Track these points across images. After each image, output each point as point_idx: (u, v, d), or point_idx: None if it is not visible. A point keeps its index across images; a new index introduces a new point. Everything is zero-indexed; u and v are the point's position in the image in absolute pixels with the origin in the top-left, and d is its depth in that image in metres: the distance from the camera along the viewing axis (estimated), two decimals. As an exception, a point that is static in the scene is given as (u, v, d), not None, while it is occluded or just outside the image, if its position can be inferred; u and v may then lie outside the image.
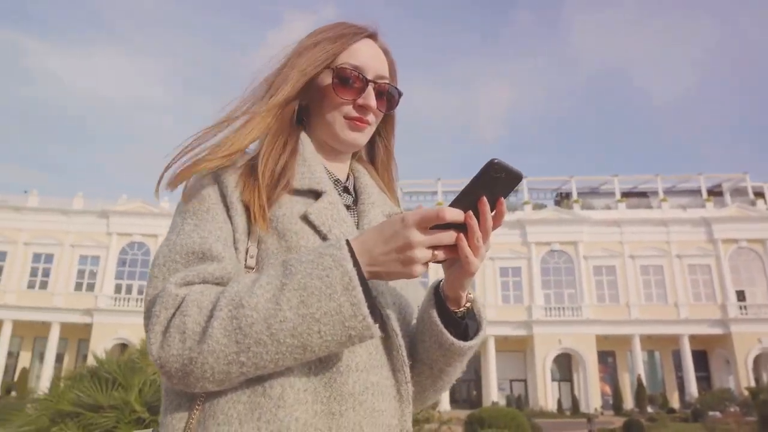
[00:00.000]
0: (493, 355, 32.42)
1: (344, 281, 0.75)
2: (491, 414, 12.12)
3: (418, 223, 0.76)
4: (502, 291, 34.57)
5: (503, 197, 0.79)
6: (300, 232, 0.88)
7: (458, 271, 0.83)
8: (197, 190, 0.90)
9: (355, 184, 1.07)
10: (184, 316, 0.76)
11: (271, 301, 0.74)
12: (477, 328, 0.92)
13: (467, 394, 35.53)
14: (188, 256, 0.83)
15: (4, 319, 33.18)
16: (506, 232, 35.16)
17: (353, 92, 0.98)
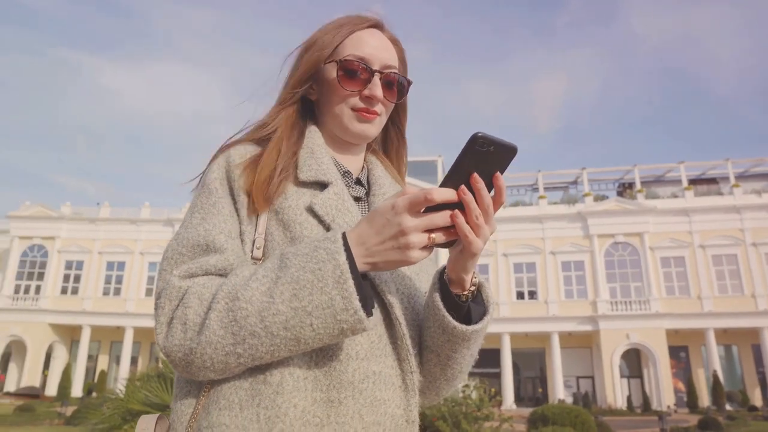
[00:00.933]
0: (558, 351, 31.63)
1: (335, 274, 0.75)
2: (555, 411, 11.79)
3: (408, 208, 0.74)
4: (565, 286, 33.66)
5: (500, 172, 0.76)
6: (304, 222, 0.89)
7: (460, 252, 0.81)
8: (206, 185, 0.93)
9: (369, 176, 1.07)
10: (186, 307, 0.79)
11: (266, 294, 0.76)
12: (484, 313, 0.89)
13: (532, 391, 34.84)
14: (194, 249, 0.86)
15: (83, 324, 35.18)
16: (566, 225, 34.24)
17: (359, 83, 0.98)
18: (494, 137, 0.73)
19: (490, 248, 34.54)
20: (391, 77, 1.01)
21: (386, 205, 0.77)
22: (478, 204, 0.75)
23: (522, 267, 34.46)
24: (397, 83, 1.02)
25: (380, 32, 1.04)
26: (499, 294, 33.75)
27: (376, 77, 0.99)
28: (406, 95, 1.06)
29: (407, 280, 0.95)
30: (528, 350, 34.66)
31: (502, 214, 34.98)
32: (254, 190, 0.90)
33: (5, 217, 38.26)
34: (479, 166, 0.75)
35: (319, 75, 1.02)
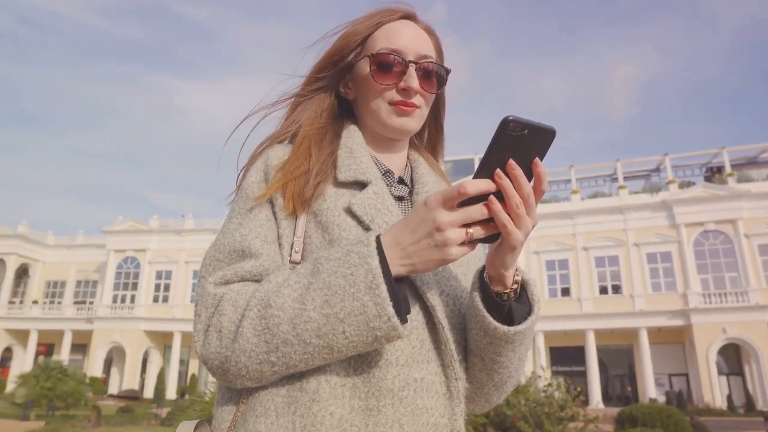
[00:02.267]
0: (647, 348, 30.04)
1: (368, 279, 0.72)
2: (644, 411, 11.15)
3: (442, 203, 0.71)
4: (652, 279, 31.94)
5: (539, 158, 0.71)
6: (343, 224, 0.87)
7: (499, 245, 0.76)
8: (244, 189, 0.93)
9: (412, 174, 1.04)
10: (221, 315, 0.79)
11: (298, 301, 0.74)
12: (529, 312, 0.84)
13: (621, 390, 33.32)
14: (231, 254, 0.85)
15: (174, 331, 37.18)
16: (650, 215, 32.53)
17: (393, 76, 0.95)
18: (527, 120, 0.68)
19: (569, 242, 33.43)
20: (428, 67, 0.97)
21: (419, 202, 0.75)
22: (517, 192, 0.71)
23: (604, 260, 33.06)
24: (435, 73, 0.98)
25: (413, 22, 1.00)
26: (581, 289, 32.55)
27: (412, 68, 0.95)
28: (444, 84, 1.02)
29: (453, 281, 0.91)
30: (615, 347, 33.19)
31: (580, 207, 33.80)
32: (289, 192, 0.89)
33: (102, 232, 41.12)
34: (515, 153, 0.70)
35: (353, 73, 1.01)
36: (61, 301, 42.13)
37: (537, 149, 0.71)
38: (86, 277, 42.72)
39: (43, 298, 42.68)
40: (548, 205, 35.16)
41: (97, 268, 42.07)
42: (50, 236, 44.34)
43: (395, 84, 0.95)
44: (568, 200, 35.33)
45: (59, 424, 15.79)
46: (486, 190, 0.71)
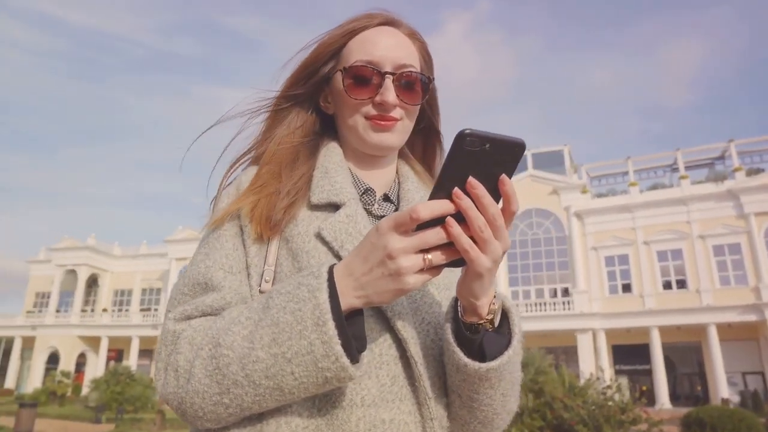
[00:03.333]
0: (717, 345, 28.54)
1: (315, 315, 0.67)
2: (713, 414, 10.51)
3: (394, 228, 0.65)
4: (719, 272, 30.34)
5: (506, 175, 0.64)
6: (312, 251, 0.81)
7: (466, 272, 0.69)
8: (215, 214, 0.89)
9: (399, 190, 0.97)
10: (178, 354, 0.75)
11: (247, 339, 0.70)
12: (507, 344, 0.75)
13: (690, 389, 31.86)
14: (194, 288, 0.82)
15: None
16: (715, 205, 30.93)
17: (369, 90, 0.89)
18: (488, 133, 0.61)
19: (629, 237, 32.25)
20: (408, 77, 0.90)
21: (372, 228, 0.69)
22: (482, 213, 0.64)
23: (667, 255, 31.68)
24: (419, 82, 0.92)
25: (393, 28, 0.94)
26: (643, 285, 31.30)
27: (388, 80, 0.89)
28: (428, 94, 0.95)
29: (435, 307, 0.84)
30: (682, 344, 31.75)
31: (639, 199, 32.55)
32: (256, 215, 0.84)
33: (163, 242, 42.76)
34: (476, 170, 0.63)
35: (331, 86, 0.95)
36: (128, 308, 44.08)
37: (504, 165, 0.64)
38: (150, 285, 44.53)
39: (112, 306, 44.80)
40: (605, 199, 34.05)
41: (161, 276, 43.77)
42: (116, 247, 46.51)
43: (371, 98, 0.89)
44: (627, 193, 34.06)
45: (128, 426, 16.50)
46: (442, 213, 0.64)
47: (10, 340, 44.70)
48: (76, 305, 43.02)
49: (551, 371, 11.05)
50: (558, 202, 34.13)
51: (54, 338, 41.58)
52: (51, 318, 42.33)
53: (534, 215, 34.32)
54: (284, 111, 0.98)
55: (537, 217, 34.27)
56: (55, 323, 42.01)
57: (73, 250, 43.49)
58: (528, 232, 34.27)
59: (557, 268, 33.32)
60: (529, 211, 34.48)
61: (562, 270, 33.05)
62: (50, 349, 41.53)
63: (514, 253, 34.09)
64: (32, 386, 35.53)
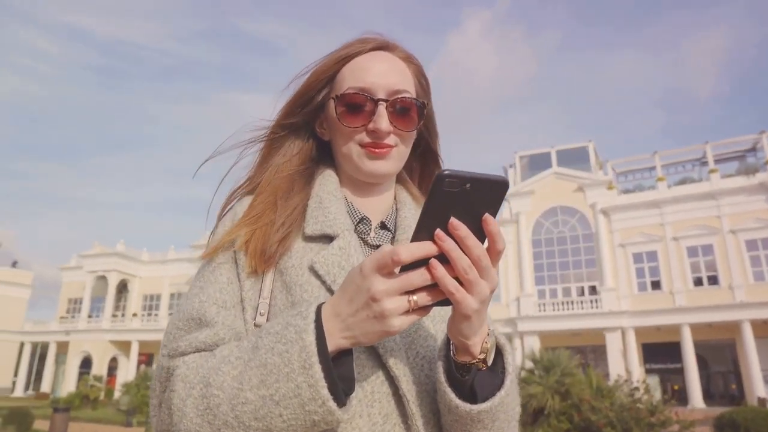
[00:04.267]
0: (752, 342, 27.78)
1: (302, 358, 0.66)
2: (747, 416, 10.17)
3: (376, 270, 0.64)
4: (753, 267, 29.52)
5: (490, 214, 0.64)
6: (305, 284, 0.81)
7: (453, 313, 0.68)
8: (210, 246, 0.88)
9: (396, 217, 0.96)
10: (172, 391, 0.75)
11: (236, 380, 0.69)
12: (500, 385, 0.74)
13: (724, 388, 31.10)
14: (189, 323, 0.81)
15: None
16: (747, 199, 30.15)
17: (362, 117, 0.88)
18: (468, 173, 0.60)
19: (657, 233, 31.63)
20: (402, 103, 0.89)
21: (355, 267, 0.67)
22: (466, 254, 0.63)
23: (697, 250, 30.97)
24: (414, 107, 0.90)
25: (387, 53, 0.93)
26: (673, 282, 30.65)
27: (381, 107, 0.88)
28: (423, 118, 0.94)
29: (430, 341, 0.82)
30: (714, 342, 31.01)
31: (668, 195, 31.90)
32: (251, 249, 0.84)
33: (190, 247, 43.37)
34: (458, 211, 0.63)
35: (325, 113, 0.95)
36: (157, 313, 44.80)
37: (487, 204, 0.63)
38: (179, 290, 45.18)
39: (142, 311, 45.59)
40: (632, 195, 33.45)
41: (188, 281, 43.78)
42: (145, 253, 47.33)
43: (364, 126, 0.89)
44: (654, 188, 33.41)
45: (158, 431, 16.78)
46: (424, 255, 0.63)
47: (45, 346, 45.88)
48: (107, 310, 43.90)
49: (578, 372, 10.88)
50: (584, 200, 33.63)
51: (86, 343, 42.51)
52: (83, 323, 43.33)
53: (559, 213, 33.90)
54: (280, 140, 0.97)
55: (562, 215, 33.83)
56: (87, 328, 42.95)
57: (103, 256, 44.39)
58: (554, 230, 33.85)
59: (584, 266, 32.83)
60: (555, 209, 34.07)
61: (589, 268, 32.56)
62: (83, 353, 42.48)
63: (540, 251, 33.72)
64: (66, 390, 36.35)
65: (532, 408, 10.24)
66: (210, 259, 0.87)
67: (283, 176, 0.93)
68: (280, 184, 0.92)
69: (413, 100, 0.91)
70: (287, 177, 0.94)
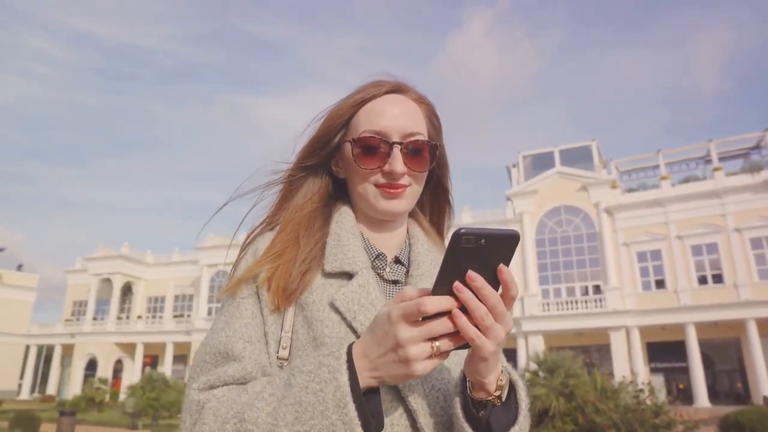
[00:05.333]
0: (757, 341, 27.71)
1: (336, 397, 0.71)
2: (752, 417, 10.17)
3: (403, 318, 0.69)
4: (758, 266, 29.45)
5: (504, 264, 0.69)
6: (326, 320, 0.86)
7: (472, 355, 0.74)
8: (232, 283, 0.93)
9: (410, 252, 1.01)
10: (203, 424, 0.79)
11: (270, 416, 0.74)
12: (513, 420, 0.80)
13: (730, 387, 31.03)
14: (216, 357, 0.86)
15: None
16: (751, 197, 30.07)
17: (377, 159, 0.94)
18: (482, 230, 0.66)
19: (661, 231, 31.59)
20: (416, 144, 0.95)
21: (383, 313, 0.72)
22: (483, 302, 0.68)
23: (701, 249, 30.91)
24: (426, 149, 0.96)
25: (400, 95, 0.98)
26: (677, 281, 30.60)
27: (396, 149, 0.93)
28: (436, 158, 0.99)
29: (445, 374, 0.87)
30: (719, 340, 30.95)
31: (671, 193, 31.86)
32: (274, 286, 0.89)
33: (194, 249, 43.50)
34: (474, 263, 0.68)
35: (341, 153, 1.00)
36: (162, 315, 44.97)
37: (501, 255, 0.68)
38: (183, 292, 45.38)
39: (146, 313, 45.79)
40: (636, 194, 33.41)
41: (192, 283, 44.53)
42: (149, 255, 47.52)
43: (380, 167, 0.94)
44: (658, 187, 33.34)
45: (163, 433, 16.81)
46: (447, 308, 0.68)
47: (50, 348, 46.14)
48: (112, 313, 44.11)
49: (582, 374, 10.88)
50: (587, 199, 33.61)
51: (91, 345, 42.73)
52: (88, 326, 43.53)
53: (563, 212, 33.88)
54: (299, 180, 1.03)
55: (566, 215, 33.81)
56: (92, 331, 43.19)
57: (107, 259, 44.60)
58: (557, 229, 33.83)
59: (588, 265, 32.79)
60: (558, 209, 34.05)
61: (593, 267, 32.53)
62: (88, 356, 42.69)
63: (543, 251, 33.70)
64: (72, 392, 36.53)
65: (537, 409, 10.25)
66: (233, 294, 0.91)
67: (304, 214, 0.99)
68: (302, 222, 0.97)
69: (426, 142, 0.96)
70: (308, 215, 0.99)
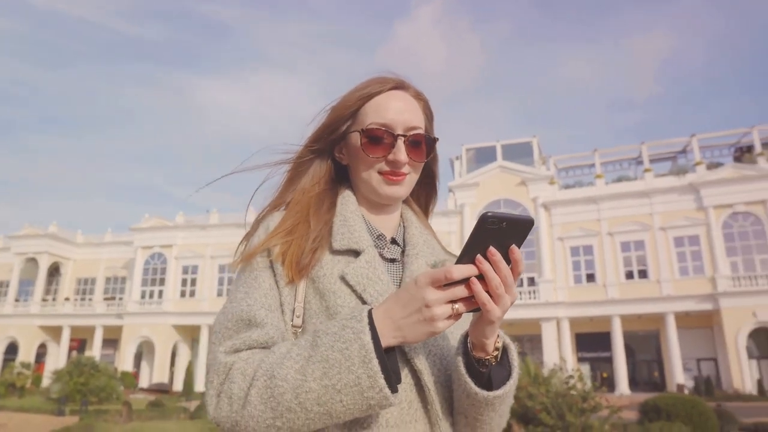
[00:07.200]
0: (674, 332, 29.61)
1: (361, 354, 0.80)
2: (668, 402, 11.00)
3: (430, 283, 0.80)
4: (679, 263, 31.37)
5: (516, 245, 0.81)
6: (338, 291, 0.96)
7: (479, 318, 0.85)
8: (246, 255, 1.01)
9: (405, 234, 1.12)
10: (231, 383, 0.87)
11: (299, 372, 0.82)
12: (508, 376, 0.93)
13: (648, 375, 32.98)
14: (238, 323, 0.93)
15: (201, 324, 37.90)
16: (677, 198, 31.91)
17: (383, 149, 1.04)
18: (505, 214, 0.77)
19: (594, 228, 33.07)
20: (416, 137, 1.05)
21: (410, 281, 0.84)
22: (497, 274, 0.80)
23: (630, 245, 32.60)
24: (424, 142, 1.06)
25: (403, 92, 1.08)
26: (607, 275, 32.17)
27: (400, 141, 1.03)
28: (433, 151, 1.11)
29: (440, 340, 0.99)
30: (642, 332, 32.82)
31: (605, 191, 33.33)
32: (288, 261, 0.97)
33: (129, 230, 41.97)
34: (495, 241, 0.79)
35: (346, 141, 1.09)
36: (92, 297, 43.28)
37: (516, 237, 0.80)
38: (115, 274, 43.75)
39: (75, 295, 43.91)
40: (572, 191, 34.76)
41: (125, 265, 43.02)
42: (79, 235, 45.48)
43: (384, 156, 1.03)
44: (593, 185, 34.83)
45: (93, 419, 16.25)
46: (469, 274, 0.80)
47: (-34, 330, 43.45)
48: (37, 294, 42.06)
49: (516, 361, 11.26)
50: (526, 193, 34.71)
51: (12, 328, 40.63)
52: (9, 307, 41.34)
53: (503, 205, 34.80)
54: (306, 163, 1.12)
55: (505, 207, 34.72)
56: (13, 313, 41.08)
57: (33, 237, 42.41)
58: (496, 222, 34.68)
59: (524, 257, 33.71)
60: (498, 202, 34.97)
61: (528, 260, 33.64)
62: (8, 339, 40.59)
63: (482, 243, 34.48)
64: (-10, 377, 34.59)
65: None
66: (249, 267, 0.99)
67: (311, 195, 1.08)
68: (309, 202, 1.07)
69: (425, 135, 1.07)
70: (316, 196, 1.08)
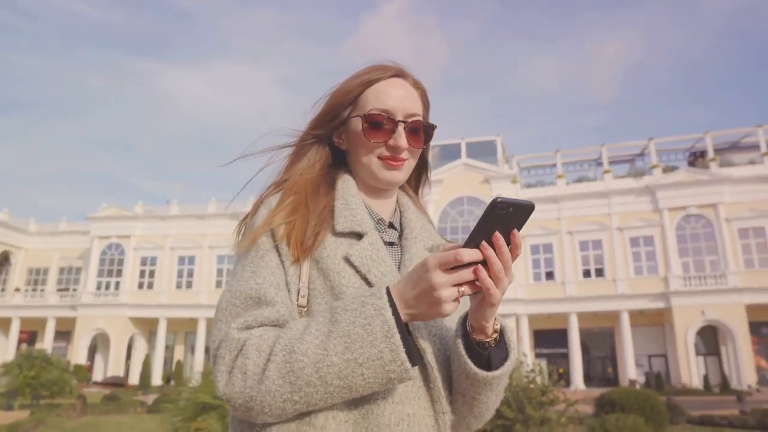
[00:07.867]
0: (628, 330, 30.63)
1: (384, 329, 0.83)
2: (622, 396, 11.44)
3: (438, 266, 0.82)
4: (634, 262, 32.43)
5: (517, 229, 0.84)
6: (342, 272, 0.97)
7: (481, 301, 0.87)
8: (254, 239, 1.00)
9: (401, 218, 1.14)
10: (246, 358, 0.87)
11: (320, 347, 0.84)
12: (505, 358, 0.95)
13: (602, 371, 33.97)
14: (246, 301, 0.93)
15: (159, 317, 37.11)
16: (634, 200, 32.92)
17: (383, 134, 1.05)
18: (513, 200, 0.80)
19: (554, 227, 33.81)
20: (416, 124, 1.07)
21: (420, 263, 0.85)
22: (499, 258, 0.82)
23: (588, 245, 33.49)
24: (423, 128, 1.08)
25: (403, 80, 1.09)
26: (565, 273, 32.96)
27: (400, 127, 1.05)
28: (431, 138, 1.12)
29: (438, 322, 1.01)
30: (597, 329, 33.77)
31: (565, 191, 34.12)
32: (293, 241, 0.98)
33: (86, 219, 40.72)
34: (499, 225, 0.82)
35: (346, 126, 1.10)
36: (44, 288, 41.83)
37: (517, 221, 0.83)
38: (70, 264, 42.38)
39: (26, 286, 42.35)
40: (534, 190, 35.41)
41: (81, 255, 41.72)
42: (32, 223, 43.85)
43: (385, 142, 1.05)
44: (554, 185, 35.59)
45: (44, 413, 15.77)
46: (475, 260, 0.83)
47: None
48: (-15, 284, 40.36)
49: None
50: (489, 191, 35.16)
51: (-41, 319, 38.94)
52: (-45, 297, 39.59)
53: (465, 203, 35.24)
54: (307, 146, 1.13)
55: (468, 205, 35.20)
56: (-41, 303, 39.34)
57: (-19, 225, 40.65)
58: (459, 219, 35.16)
59: (486, 255, 34.31)
60: (461, 199, 35.38)
61: (490, 257, 34.06)
62: (-46, 330, 38.86)
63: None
64: (-66, 370, 33.10)
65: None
66: (255, 247, 0.99)
67: (309, 179, 1.08)
68: (307, 186, 1.07)
69: (424, 122, 1.09)
70: (312, 179, 1.09)
